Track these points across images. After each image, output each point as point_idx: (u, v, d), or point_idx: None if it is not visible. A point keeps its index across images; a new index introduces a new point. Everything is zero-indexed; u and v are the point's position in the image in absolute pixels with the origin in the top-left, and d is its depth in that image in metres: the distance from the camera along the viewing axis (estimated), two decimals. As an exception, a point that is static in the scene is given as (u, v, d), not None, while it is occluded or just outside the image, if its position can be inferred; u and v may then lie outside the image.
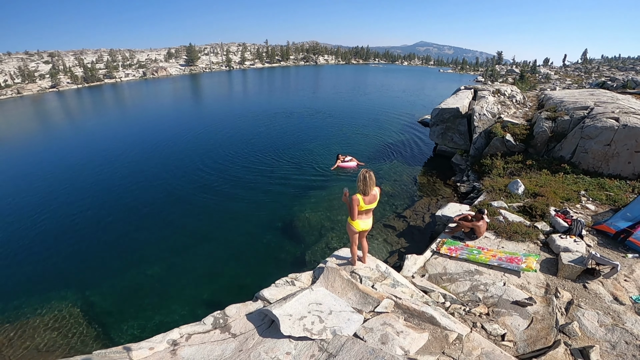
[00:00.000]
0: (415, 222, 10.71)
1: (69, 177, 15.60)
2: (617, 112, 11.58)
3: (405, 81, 61.11)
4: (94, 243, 10.37)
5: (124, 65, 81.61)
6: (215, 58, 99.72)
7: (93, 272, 9.06)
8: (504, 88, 19.11)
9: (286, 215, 11.43)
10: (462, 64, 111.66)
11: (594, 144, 11.10)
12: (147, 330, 6.95)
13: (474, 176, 13.39)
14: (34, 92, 58.60)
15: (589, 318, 4.96)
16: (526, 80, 38.75)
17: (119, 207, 12.47)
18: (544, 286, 5.85)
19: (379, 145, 19.12)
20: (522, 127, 13.76)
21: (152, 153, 18.40)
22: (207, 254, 9.58)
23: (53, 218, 11.86)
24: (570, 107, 13.00)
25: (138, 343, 4.12)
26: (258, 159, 16.71)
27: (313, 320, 4.17)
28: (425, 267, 6.78)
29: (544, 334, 4.68)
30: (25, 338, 7.00)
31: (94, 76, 67.01)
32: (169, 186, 13.96)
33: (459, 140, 16.26)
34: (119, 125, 27.62)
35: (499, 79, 55.87)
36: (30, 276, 9.06)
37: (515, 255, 6.66)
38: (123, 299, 8.07)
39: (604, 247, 6.99)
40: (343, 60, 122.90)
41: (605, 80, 37.77)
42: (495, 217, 8.31)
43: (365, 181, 4.75)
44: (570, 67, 73.70)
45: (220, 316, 4.62)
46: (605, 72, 57.74)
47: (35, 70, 68.56)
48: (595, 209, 8.71)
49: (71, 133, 26.58)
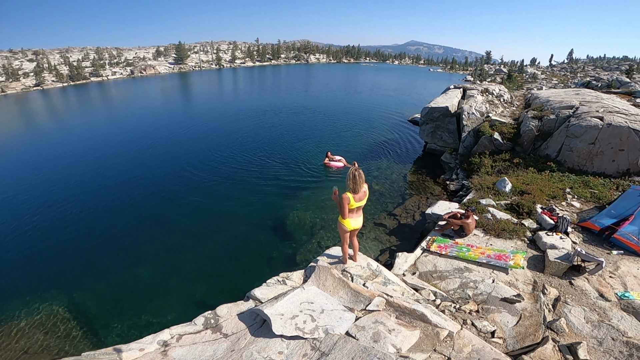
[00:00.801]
0: (406, 220, 10.80)
1: (55, 177, 15.25)
2: (601, 111, 11.84)
3: (396, 80, 61.43)
4: (82, 243, 10.16)
5: (111, 64, 80.00)
6: (205, 56, 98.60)
7: (82, 272, 8.90)
8: (492, 87, 19.38)
9: (277, 214, 11.40)
10: (451, 63, 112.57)
11: (579, 142, 11.33)
12: (137, 331, 6.85)
13: (463, 174, 13.55)
14: (17, 90, 57.03)
15: (576, 314, 5.02)
16: (514, 80, 39.36)
17: (107, 207, 12.26)
18: (532, 283, 5.95)
19: (369, 143, 19.19)
20: (510, 126, 13.96)
21: (140, 153, 18.12)
22: (197, 254, 9.49)
23: (40, 219, 11.57)
24: (556, 107, 13.24)
25: (128, 344, 4.06)
26: (248, 158, 16.61)
27: (305, 319, 4.17)
28: (415, 265, 6.84)
29: (533, 330, 4.76)
30: (12, 340, 6.83)
31: (79, 74, 65.53)
32: (158, 186, 13.78)
33: (449, 138, 16.43)
34: (106, 124, 27.09)
35: (487, 78, 56.64)
36: (18, 277, 8.85)
37: (504, 253, 6.76)
38: (112, 299, 7.95)
39: (589, 244, 7.12)
40: (334, 59, 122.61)
41: (590, 80, 38.62)
42: (484, 215, 8.43)
43: (355, 179, 4.78)
44: (557, 67, 75.14)
45: (212, 316, 4.58)
46: (591, 72, 59.03)
47: (19, 69, 66.70)
48: (580, 207, 8.89)
49: (56, 132, 25.96)
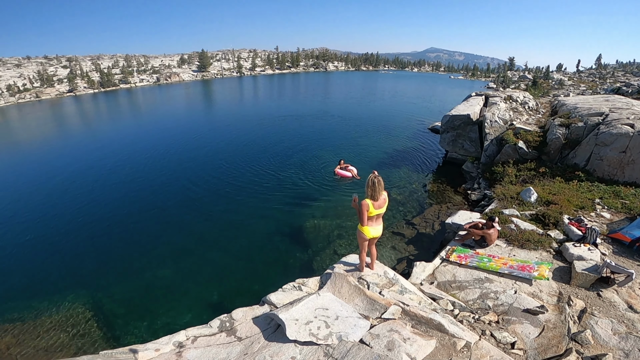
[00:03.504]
0: (425, 230, 10.60)
1: (83, 179, 15.93)
2: (632, 118, 11.33)
3: (416, 88, 60.88)
4: (105, 244, 10.54)
5: (139, 71, 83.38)
6: (226, 64, 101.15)
7: (103, 273, 9.20)
8: (516, 94, 18.90)
9: (294, 221, 11.44)
10: (473, 70, 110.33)
11: (609, 151, 10.86)
12: (154, 332, 7.00)
13: (485, 184, 13.21)
14: (52, 96, 60.21)
15: (603, 326, 4.84)
16: (539, 87, 38.28)
17: (130, 209, 12.67)
18: (557, 294, 5.72)
19: (388, 151, 19.04)
20: (535, 134, 13.54)
21: (164, 158, 18.68)
22: (215, 258, 9.64)
23: (66, 219, 12.11)
24: (584, 114, 12.77)
25: (144, 344, 4.15)
26: (268, 165, 16.79)
27: (319, 325, 4.15)
28: (434, 275, 6.70)
29: (556, 342, 4.57)
30: (34, 338, 7.10)
31: (109, 81, 68.58)
32: (179, 190, 14.14)
33: (470, 147, 16.07)
34: (134, 130, 28.18)
35: (510, 85, 55.23)
36: (41, 276, 9.23)
37: (527, 263, 6.52)
38: (131, 300, 8.16)
39: (619, 255, 6.81)
40: (353, 67, 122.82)
41: (620, 85, 37.02)
42: (507, 225, 8.18)
43: (374, 186, 4.75)
44: (584, 73, 72.53)
45: (227, 319, 4.63)
46: (620, 78, 56.64)
47: (53, 75, 70.45)
48: (610, 217, 8.49)
49: (87, 136, 27.18)
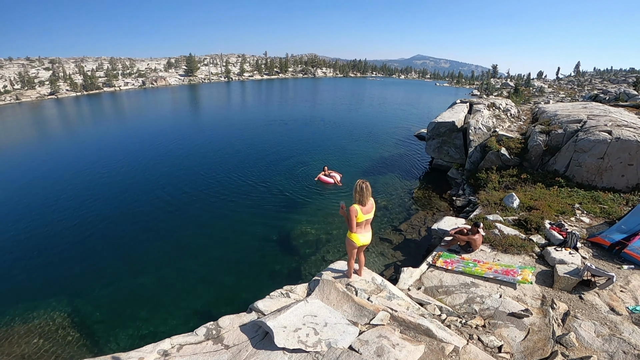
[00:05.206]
0: (412, 236, 10.71)
1: (62, 185, 15.48)
2: (609, 125, 11.76)
3: (402, 94, 61.78)
4: (85, 251, 10.25)
5: (124, 74, 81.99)
6: (214, 69, 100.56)
7: (84, 280, 8.93)
8: (499, 101, 19.40)
9: (282, 227, 11.37)
10: (458, 77, 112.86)
11: (588, 157, 11.23)
12: (138, 340, 6.83)
13: (469, 190, 13.46)
14: (32, 98, 58.57)
15: (586, 328, 4.95)
16: (521, 94, 39.36)
17: (112, 216, 12.37)
18: (540, 298, 5.84)
19: (374, 158, 19.20)
20: (517, 141, 13.90)
21: (147, 164, 18.30)
22: (201, 265, 9.48)
23: (45, 225, 11.73)
24: (563, 121, 13.19)
25: (127, 352, 4.04)
26: (254, 171, 16.69)
27: (308, 332, 4.12)
28: (421, 280, 6.76)
29: (541, 345, 4.66)
30: (11, 345, 6.84)
31: (93, 84, 67.20)
32: (163, 198, 13.89)
33: (455, 154, 16.37)
34: (116, 135, 27.54)
35: (494, 92, 56.65)
36: (19, 283, 8.93)
37: (511, 268, 6.65)
38: (113, 308, 7.95)
39: (599, 259, 7.02)
40: (341, 73, 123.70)
41: (597, 93, 38.48)
42: (491, 231, 8.34)
43: (362, 191, 4.76)
44: (564, 80, 75.10)
45: (213, 327, 4.55)
46: (598, 85, 58.80)
47: (35, 77, 68.64)
48: (589, 222, 8.76)
49: (67, 141, 26.48)
